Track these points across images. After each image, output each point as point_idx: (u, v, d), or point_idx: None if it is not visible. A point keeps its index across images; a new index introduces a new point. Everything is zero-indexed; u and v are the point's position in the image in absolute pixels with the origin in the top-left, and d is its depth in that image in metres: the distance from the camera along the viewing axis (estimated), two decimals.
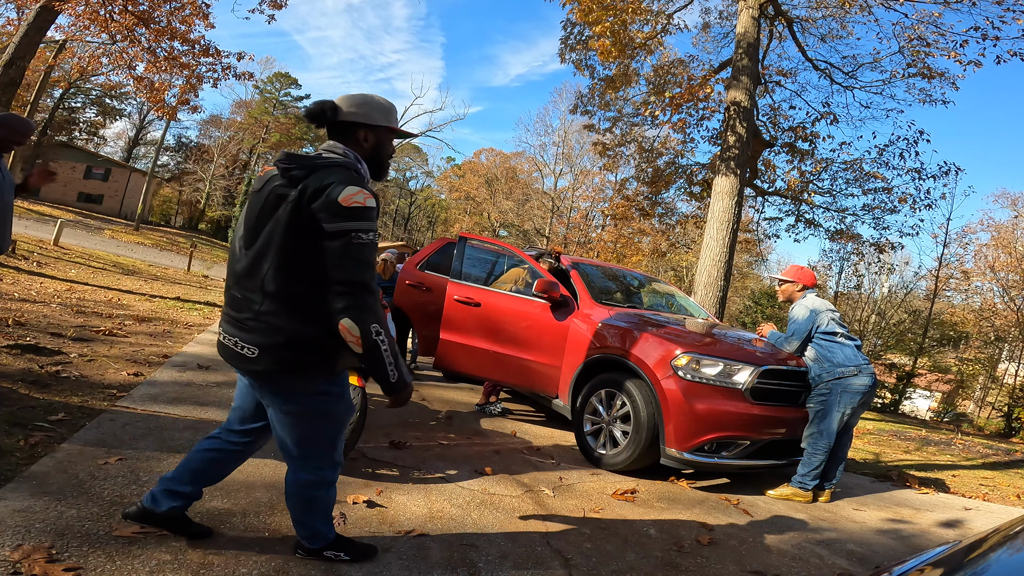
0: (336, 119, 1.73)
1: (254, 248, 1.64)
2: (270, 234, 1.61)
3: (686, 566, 2.38)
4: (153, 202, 44.32)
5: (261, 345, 1.61)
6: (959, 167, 10.28)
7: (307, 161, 1.64)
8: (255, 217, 1.66)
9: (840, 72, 9.92)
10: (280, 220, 1.59)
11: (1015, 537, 1.10)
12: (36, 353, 3.86)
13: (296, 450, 1.76)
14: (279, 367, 1.63)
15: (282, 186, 1.62)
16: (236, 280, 1.69)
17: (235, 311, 1.68)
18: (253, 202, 1.70)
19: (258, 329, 1.62)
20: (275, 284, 1.60)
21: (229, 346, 1.69)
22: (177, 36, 10.99)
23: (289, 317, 1.61)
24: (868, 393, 3.59)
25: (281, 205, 1.60)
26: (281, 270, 1.60)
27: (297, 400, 1.71)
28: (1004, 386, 15.01)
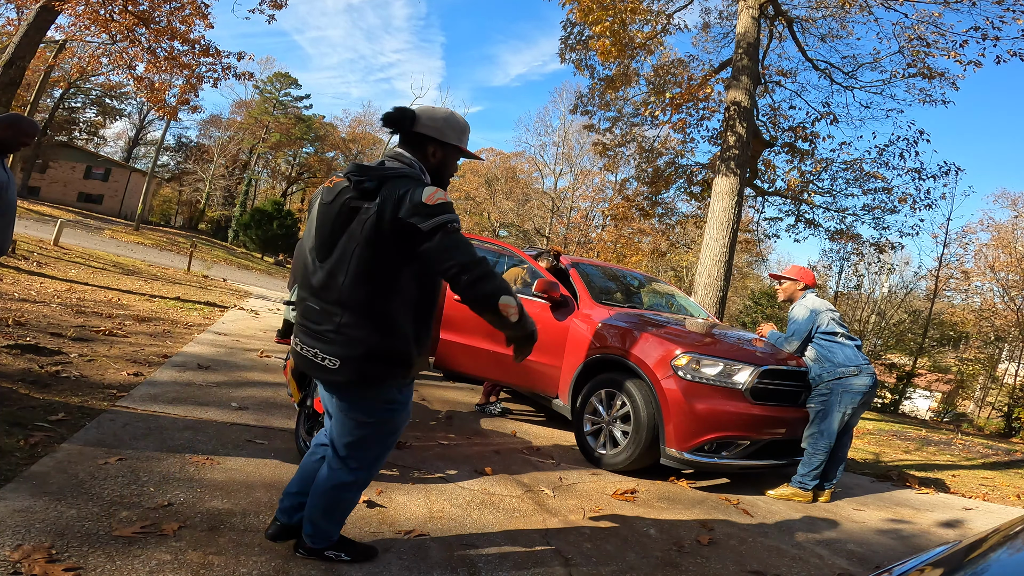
0: (411, 129, 1.75)
1: (329, 261, 1.66)
2: (346, 246, 1.63)
3: (686, 566, 2.38)
4: (153, 202, 44.33)
5: (342, 357, 1.65)
6: (959, 167, 10.30)
7: (377, 172, 1.66)
8: (329, 229, 1.68)
9: (840, 72, 9.93)
10: (356, 233, 1.61)
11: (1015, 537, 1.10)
12: (36, 353, 3.86)
13: (345, 451, 1.80)
14: (359, 378, 1.67)
15: (354, 198, 1.63)
16: (312, 292, 1.71)
17: (313, 323, 1.70)
18: (324, 214, 1.71)
19: (338, 341, 1.65)
20: (353, 296, 1.63)
21: (308, 357, 1.71)
22: (177, 36, 10.99)
23: (369, 329, 1.65)
24: (869, 393, 3.59)
25: (355, 217, 1.62)
26: (360, 282, 1.62)
27: (366, 408, 1.75)
28: (1004, 386, 15.00)
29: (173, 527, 1.96)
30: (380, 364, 1.67)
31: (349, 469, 1.81)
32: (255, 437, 3.07)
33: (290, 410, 3.69)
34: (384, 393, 1.75)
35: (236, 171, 46.29)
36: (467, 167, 48.33)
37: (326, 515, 1.85)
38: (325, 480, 1.83)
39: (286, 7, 11.30)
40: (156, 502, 2.13)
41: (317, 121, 49.04)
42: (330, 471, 1.83)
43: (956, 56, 7.85)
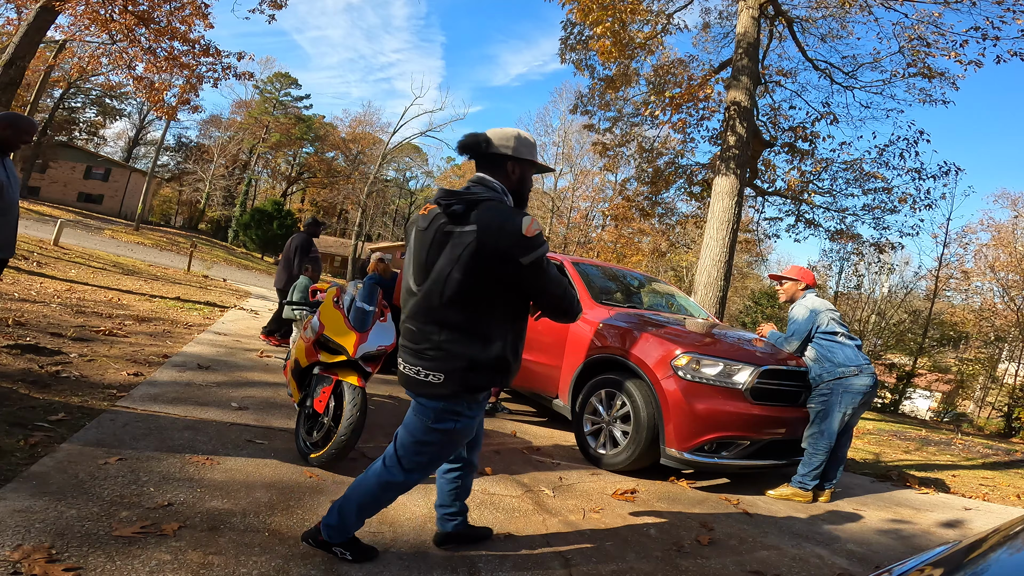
0: (488, 151, 1.84)
1: (427, 283, 1.78)
2: (442, 269, 1.73)
3: (686, 566, 2.38)
4: (153, 202, 44.34)
5: (446, 372, 1.76)
6: (959, 167, 10.28)
7: (464, 197, 1.76)
8: (425, 254, 1.79)
9: (840, 72, 9.92)
10: (452, 256, 1.72)
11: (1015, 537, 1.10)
12: (36, 353, 3.86)
13: (403, 451, 1.87)
14: (463, 388, 1.78)
15: (448, 224, 1.74)
16: (412, 315, 1.84)
17: (414, 343, 1.82)
18: (421, 240, 1.82)
19: (439, 359, 1.76)
20: (452, 315, 1.74)
21: (411, 375, 1.82)
22: (177, 36, 10.99)
23: (467, 344, 1.75)
24: (869, 393, 3.59)
25: (449, 241, 1.73)
26: (456, 301, 1.73)
27: (440, 414, 1.82)
28: (1004, 386, 15.00)
29: (173, 527, 1.96)
30: (482, 373, 1.78)
31: (402, 470, 1.88)
32: (255, 437, 3.07)
33: (290, 410, 3.69)
34: (462, 407, 1.83)
35: (236, 171, 46.29)
36: (467, 167, 48.34)
37: (359, 510, 1.91)
38: (374, 475, 1.90)
39: (286, 7, 11.30)
40: (156, 502, 2.13)
41: (317, 121, 49.04)
42: (381, 466, 1.90)
43: (956, 56, 7.85)
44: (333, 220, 56.67)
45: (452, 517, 2.16)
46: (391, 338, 3.10)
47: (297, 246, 6.76)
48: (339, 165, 49.26)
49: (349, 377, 2.82)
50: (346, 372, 2.85)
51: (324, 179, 48.43)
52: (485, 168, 1.87)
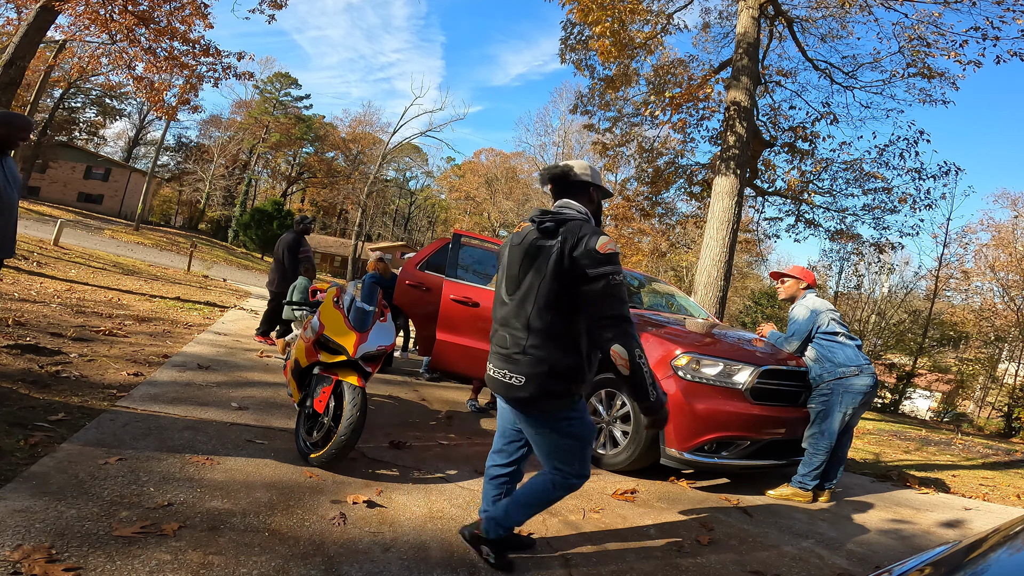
0: (572, 180, 2.05)
1: (519, 293, 1.95)
2: (532, 280, 1.91)
3: (686, 566, 2.38)
4: (153, 202, 44.34)
5: (527, 375, 1.89)
6: (959, 167, 10.28)
7: (557, 215, 1.96)
8: (518, 266, 1.97)
9: (840, 72, 9.92)
10: (542, 267, 1.89)
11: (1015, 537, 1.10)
12: (36, 353, 3.86)
13: (549, 462, 2.02)
14: (542, 393, 1.89)
15: (540, 239, 1.92)
16: (503, 323, 2.01)
17: (503, 348, 1.98)
18: (514, 254, 2.00)
19: (524, 361, 1.90)
20: (539, 322, 1.89)
21: (498, 378, 1.97)
22: (177, 36, 10.99)
23: (551, 349, 1.89)
24: (869, 393, 3.59)
25: (540, 255, 1.90)
26: (544, 309, 1.88)
27: (549, 423, 1.96)
28: (1004, 386, 15.00)
29: (173, 527, 1.96)
30: (560, 380, 1.90)
31: (561, 475, 2.01)
32: (255, 437, 3.07)
33: (290, 410, 3.69)
34: (562, 409, 1.95)
35: (236, 171, 46.29)
36: (466, 167, 48.35)
37: (528, 507, 2.05)
38: (543, 476, 2.04)
39: (286, 7, 11.31)
40: (156, 502, 2.13)
41: (317, 121, 49.04)
42: (550, 476, 2.03)
43: (956, 56, 7.84)
44: (333, 220, 56.70)
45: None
46: (391, 338, 3.10)
47: (286, 246, 6.61)
48: (339, 165, 49.26)
49: (349, 377, 2.82)
50: (346, 372, 2.85)
51: (324, 179, 48.45)
52: (569, 194, 2.07)
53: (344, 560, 1.96)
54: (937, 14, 8.03)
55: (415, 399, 4.86)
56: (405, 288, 4.67)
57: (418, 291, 4.61)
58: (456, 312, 4.33)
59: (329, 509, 2.35)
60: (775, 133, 10.80)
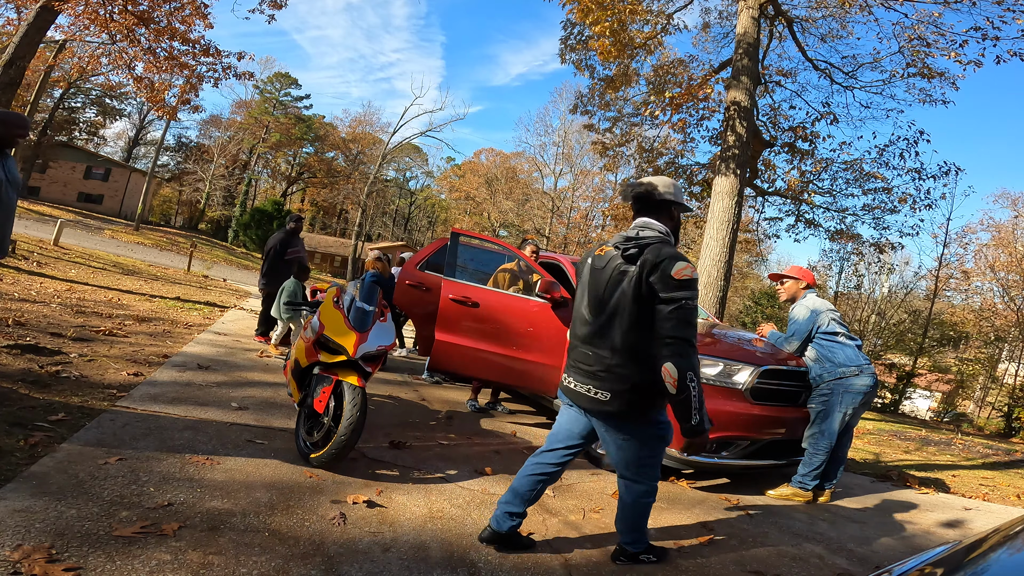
0: (655, 199, 2.13)
1: (604, 315, 2.07)
2: (617, 303, 2.03)
3: (686, 566, 2.38)
4: (153, 202, 44.33)
5: (613, 391, 2.02)
6: (959, 167, 10.28)
7: (639, 241, 2.05)
8: (603, 290, 2.09)
9: (840, 72, 9.92)
10: (626, 291, 2.01)
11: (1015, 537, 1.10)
12: (36, 353, 3.85)
13: (631, 470, 2.17)
14: (627, 407, 2.03)
15: (623, 263, 2.04)
16: (585, 340, 2.14)
17: (587, 365, 2.11)
18: (598, 277, 2.12)
19: (609, 379, 2.03)
20: (623, 342, 2.01)
21: (582, 392, 2.11)
22: (177, 36, 10.99)
23: (635, 368, 2.01)
24: (869, 393, 3.59)
25: (624, 279, 2.02)
26: (629, 330, 2.00)
27: (634, 431, 2.11)
28: (1004, 386, 14.99)
29: (173, 527, 1.96)
30: (643, 395, 2.03)
31: (644, 481, 2.18)
32: (255, 437, 3.07)
33: (290, 410, 3.69)
34: (647, 417, 2.09)
35: (236, 171, 46.27)
36: (466, 167, 48.35)
37: (641, 520, 2.24)
38: (626, 495, 2.21)
39: (286, 7, 11.31)
40: (156, 502, 2.13)
41: (317, 121, 49.04)
42: (626, 487, 2.21)
43: (956, 56, 7.85)
44: (333, 220, 56.71)
45: (513, 517, 2.25)
46: (391, 338, 3.10)
47: (274, 246, 6.47)
48: (339, 165, 49.25)
49: (349, 377, 2.82)
50: (346, 372, 2.85)
51: (324, 179, 48.45)
52: (649, 213, 2.15)
53: (344, 560, 1.96)
54: (937, 14, 8.03)
55: (415, 399, 4.86)
56: (405, 288, 4.66)
57: (418, 291, 4.61)
58: (455, 312, 4.33)
59: (329, 509, 2.35)
60: (775, 133, 10.80)
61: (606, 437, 2.15)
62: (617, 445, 2.14)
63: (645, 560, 2.27)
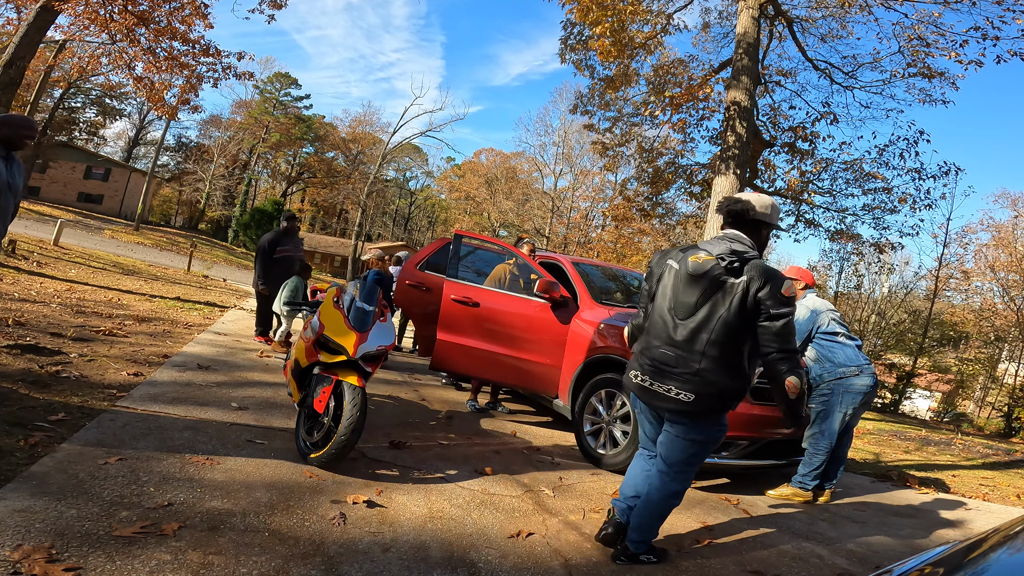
0: (752, 218, 2.21)
1: (693, 320, 2.12)
2: (712, 311, 2.10)
3: (686, 566, 2.38)
4: (153, 202, 44.31)
5: (698, 393, 2.10)
6: (959, 167, 10.27)
7: (740, 256, 2.12)
8: (695, 295, 2.14)
9: (840, 72, 9.92)
10: (723, 302, 2.08)
11: (1015, 537, 1.10)
12: (36, 353, 3.85)
13: (679, 466, 2.24)
14: (708, 409, 2.13)
15: (723, 275, 2.10)
16: (668, 342, 2.18)
17: (667, 366, 2.16)
18: (689, 282, 2.16)
19: (695, 382, 2.10)
20: (714, 349, 2.08)
21: (660, 392, 2.17)
22: (177, 36, 10.98)
23: (722, 374, 2.10)
24: (869, 393, 3.59)
25: (722, 289, 2.09)
26: (722, 339, 2.08)
27: (703, 431, 2.20)
28: (1004, 386, 15.00)
29: (173, 527, 1.96)
30: (725, 399, 2.14)
31: (681, 480, 2.25)
32: (255, 437, 3.07)
33: (290, 410, 3.69)
34: (716, 419, 2.20)
35: (236, 171, 46.27)
36: (466, 167, 48.34)
37: (658, 521, 2.29)
38: (657, 491, 2.25)
39: (286, 7, 11.29)
40: (156, 502, 2.13)
41: (317, 121, 49.04)
42: (661, 483, 2.25)
43: (956, 56, 7.84)
44: (333, 220, 56.71)
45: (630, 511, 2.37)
46: (391, 338, 3.10)
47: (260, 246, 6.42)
48: (339, 165, 49.24)
49: (349, 377, 2.82)
50: (346, 372, 2.85)
51: (324, 179, 48.44)
52: (742, 228, 2.22)
53: (344, 560, 1.96)
54: (937, 14, 8.03)
55: (415, 399, 4.86)
56: (405, 288, 4.67)
57: (418, 291, 4.61)
58: (457, 312, 4.33)
59: (329, 509, 2.35)
60: (775, 133, 10.80)
61: (670, 432, 2.23)
62: (678, 442, 2.21)
63: (645, 560, 2.30)
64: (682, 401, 2.12)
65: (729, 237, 2.20)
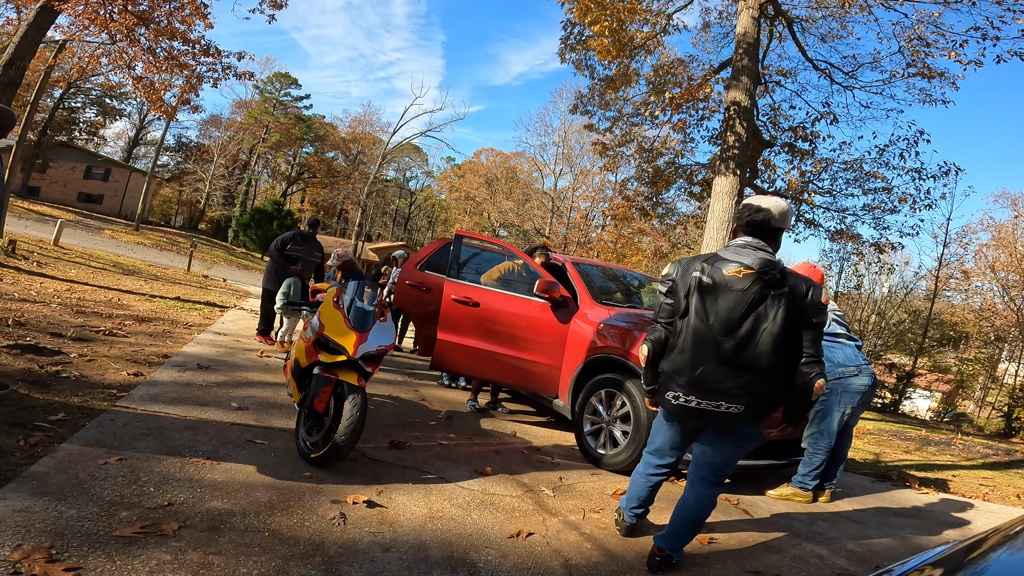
0: (771, 226, 2.19)
1: (739, 334, 2.09)
2: (756, 323, 2.08)
3: (686, 566, 2.38)
4: (153, 202, 44.32)
5: (748, 405, 2.12)
6: (959, 167, 10.27)
7: (776, 267, 2.13)
8: (741, 310, 2.10)
9: (840, 72, 9.92)
10: (768, 314, 2.08)
11: (1015, 537, 1.10)
12: (36, 353, 3.85)
13: (719, 472, 2.30)
14: (756, 416, 2.17)
15: (764, 287, 2.10)
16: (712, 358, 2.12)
17: (715, 382, 2.12)
18: (734, 298, 2.12)
19: (744, 395, 2.11)
20: (767, 362, 2.08)
21: (710, 409, 2.14)
22: (177, 36, 10.98)
23: (770, 383, 2.12)
24: (868, 393, 3.59)
25: (764, 302, 2.09)
26: (772, 351, 2.07)
27: (748, 435, 2.24)
28: (1004, 386, 15.00)
29: (173, 527, 1.96)
30: (772, 405, 2.19)
31: (720, 486, 2.33)
32: (255, 437, 3.07)
33: (290, 410, 3.69)
34: (762, 424, 2.25)
35: (236, 171, 46.27)
36: (466, 167, 48.34)
37: (700, 526, 2.33)
38: (705, 498, 2.30)
39: (286, 7, 11.30)
40: (156, 502, 2.13)
41: (317, 121, 49.04)
42: (708, 490, 2.30)
43: (956, 56, 7.84)
44: (333, 220, 56.68)
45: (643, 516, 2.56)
46: (391, 338, 3.10)
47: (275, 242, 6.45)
48: (339, 165, 49.24)
49: (349, 377, 2.82)
50: (346, 372, 2.85)
51: (324, 179, 48.45)
52: (760, 235, 2.20)
53: (344, 560, 1.96)
54: (937, 14, 8.03)
55: (415, 399, 4.86)
56: (405, 288, 4.66)
57: (418, 291, 4.61)
58: (457, 312, 4.33)
59: (329, 509, 2.35)
60: (775, 133, 10.80)
61: (717, 438, 2.25)
62: (723, 448, 2.26)
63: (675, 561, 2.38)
64: (731, 413, 2.14)
65: (754, 246, 2.18)
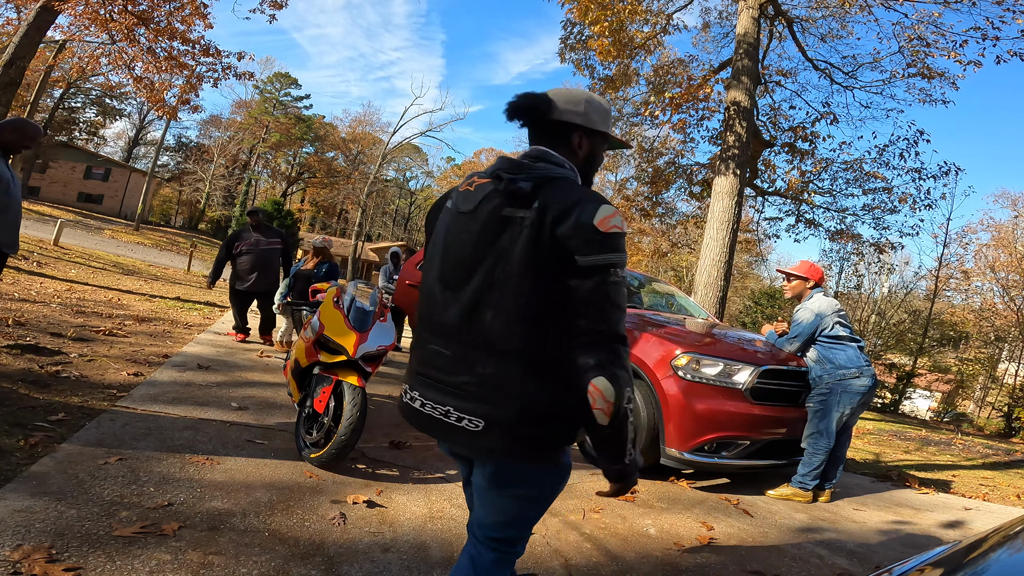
0: (550, 117, 1.31)
1: (469, 290, 1.23)
2: (492, 271, 1.20)
3: (686, 566, 2.38)
4: (153, 202, 44.30)
5: (489, 416, 1.19)
6: (959, 167, 10.29)
7: (535, 171, 1.24)
8: (470, 248, 1.24)
9: (840, 72, 9.92)
10: (508, 251, 1.19)
11: (1015, 537, 1.10)
12: (36, 353, 3.85)
13: (498, 531, 1.31)
14: (512, 443, 1.20)
15: (504, 204, 1.21)
16: (440, 332, 1.29)
17: (443, 372, 1.26)
18: (459, 227, 1.28)
19: (482, 396, 1.20)
20: (507, 338, 1.19)
21: (436, 416, 1.26)
22: (177, 36, 10.99)
23: (526, 380, 1.19)
24: (868, 393, 3.59)
25: (505, 231, 1.20)
26: (514, 319, 1.18)
27: (523, 482, 1.27)
28: (1004, 386, 15.01)
29: (173, 527, 1.96)
30: (542, 423, 1.20)
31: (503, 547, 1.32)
32: (255, 437, 3.07)
33: (290, 410, 3.69)
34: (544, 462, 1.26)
35: (236, 171, 46.29)
36: (467, 167, 48.32)
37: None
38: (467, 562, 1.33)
39: (287, 7, 11.30)
40: (156, 502, 2.13)
41: (317, 121, 49.04)
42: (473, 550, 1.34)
43: (956, 56, 7.85)
44: (333, 220, 56.70)
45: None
46: (391, 338, 3.10)
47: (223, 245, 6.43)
48: (339, 165, 49.24)
49: (349, 377, 2.82)
50: (346, 372, 2.85)
51: (324, 179, 48.45)
52: (543, 139, 1.34)
53: (344, 560, 1.96)
54: (937, 14, 8.03)
55: None
56: (405, 288, 4.66)
57: (418, 291, 4.62)
58: None
59: (329, 509, 2.35)
60: (775, 133, 10.80)
61: (479, 483, 1.29)
62: (486, 495, 1.29)
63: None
64: (467, 431, 1.21)
65: (531, 154, 1.32)
